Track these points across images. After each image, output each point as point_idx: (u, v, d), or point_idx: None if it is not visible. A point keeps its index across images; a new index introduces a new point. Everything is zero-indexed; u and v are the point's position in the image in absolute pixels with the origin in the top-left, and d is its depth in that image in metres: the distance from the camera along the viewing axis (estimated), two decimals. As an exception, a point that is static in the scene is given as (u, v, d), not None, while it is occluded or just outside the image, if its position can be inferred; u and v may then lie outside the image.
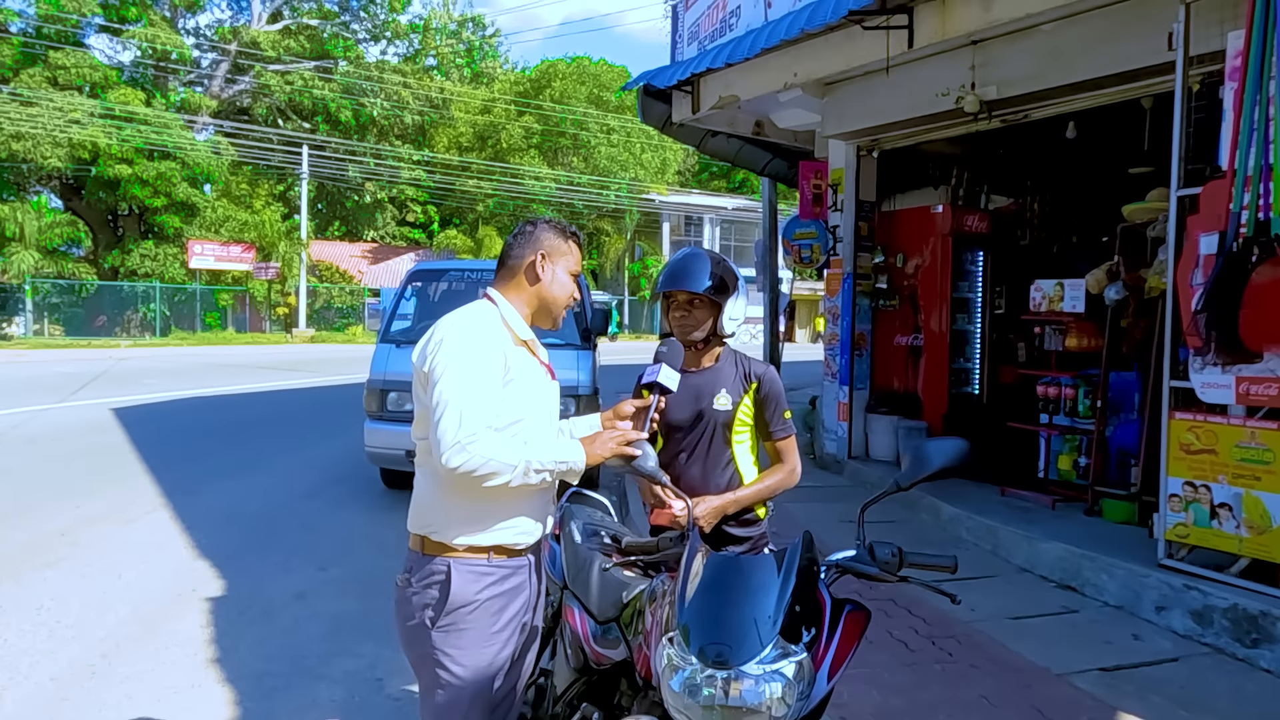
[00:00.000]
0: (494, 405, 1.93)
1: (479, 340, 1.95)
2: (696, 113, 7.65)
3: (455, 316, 2.02)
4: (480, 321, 2.00)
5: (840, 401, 7.68)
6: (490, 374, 1.93)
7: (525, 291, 2.11)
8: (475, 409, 1.88)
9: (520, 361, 2.03)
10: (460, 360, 1.91)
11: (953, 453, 1.84)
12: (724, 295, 2.45)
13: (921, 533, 5.71)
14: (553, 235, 2.12)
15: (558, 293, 2.11)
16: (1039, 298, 5.91)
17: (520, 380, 2.01)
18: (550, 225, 2.14)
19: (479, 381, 1.91)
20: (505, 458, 1.89)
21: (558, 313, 2.15)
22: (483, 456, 1.85)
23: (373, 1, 35.10)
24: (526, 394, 2.03)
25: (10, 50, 27.04)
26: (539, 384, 2.11)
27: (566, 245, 2.12)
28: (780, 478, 2.50)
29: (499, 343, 1.97)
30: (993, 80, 5.96)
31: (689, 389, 2.47)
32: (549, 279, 2.09)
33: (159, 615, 4.29)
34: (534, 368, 2.10)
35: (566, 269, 2.12)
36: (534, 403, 2.06)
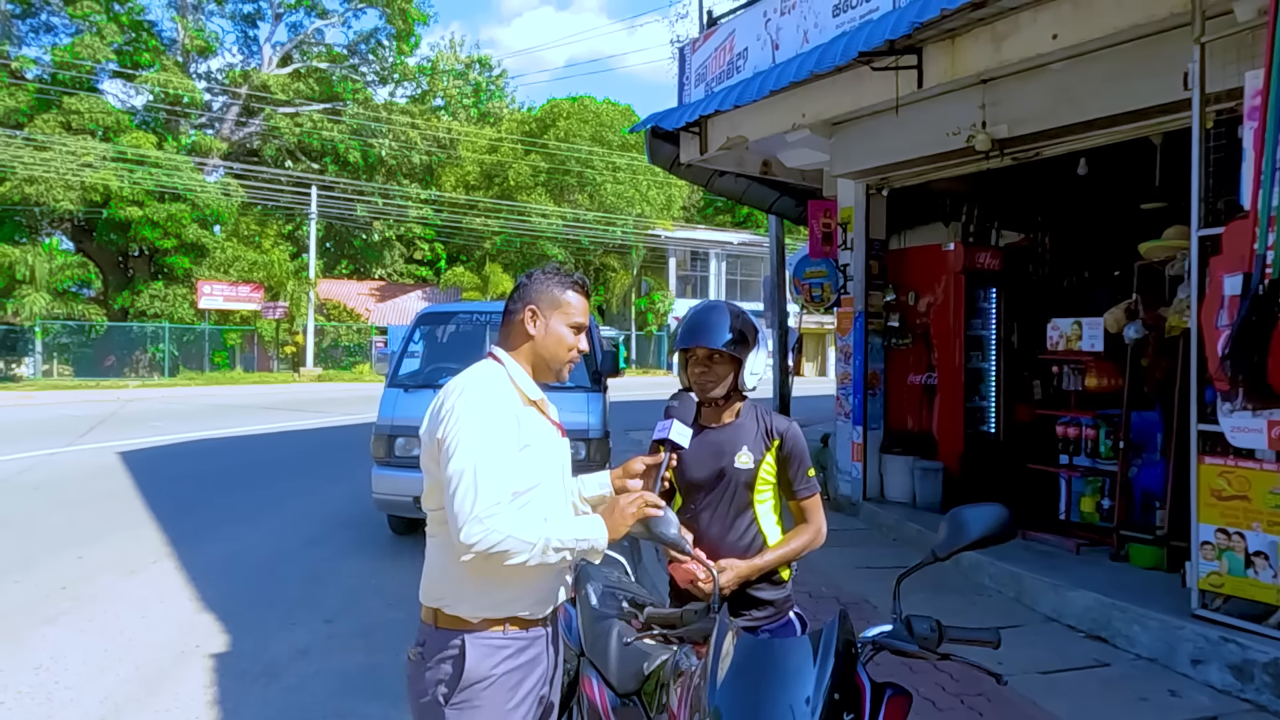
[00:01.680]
0: (511, 474, 1.85)
1: (491, 406, 1.87)
2: (704, 154, 7.65)
3: (463, 381, 1.94)
4: (489, 385, 1.92)
5: (854, 442, 7.56)
6: (505, 441, 1.85)
7: (523, 348, 2.03)
8: (492, 480, 1.81)
9: (532, 423, 1.95)
10: (473, 429, 1.83)
11: (993, 521, 1.74)
12: (744, 350, 2.37)
13: (943, 580, 5.56)
14: (546, 286, 2.02)
15: (553, 348, 2.01)
16: (1056, 336, 5.82)
17: (534, 444, 1.93)
18: (546, 275, 2.05)
19: (494, 450, 1.83)
20: (524, 535, 1.81)
21: (557, 368, 2.06)
22: (501, 533, 1.78)
23: (381, 44, 35.66)
24: (541, 458, 1.95)
25: (26, 96, 27.48)
26: (551, 445, 2.03)
27: (563, 296, 2.02)
28: (806, 539, 2.40)
29: (510, 406, 1.90)
30: (1003, 119, 5.94)
31: (709, 446, 2.39)
32: (541, 334, 2.01)
33: (160, 675, 4.17)
34: (545, 428, 2.02)
35: (564, 321, 2.01)
36: (548, 466, 1.98)
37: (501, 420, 1.86)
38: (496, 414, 1.86)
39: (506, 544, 1.78)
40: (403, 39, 35.07)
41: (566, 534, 1.87)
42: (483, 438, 1.82)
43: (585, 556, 1.95)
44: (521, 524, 1.81)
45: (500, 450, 1.83)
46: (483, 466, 1.80)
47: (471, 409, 1.85)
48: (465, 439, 1.82)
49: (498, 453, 1.83)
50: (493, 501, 1.79)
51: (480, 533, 1.76)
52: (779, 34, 6.66)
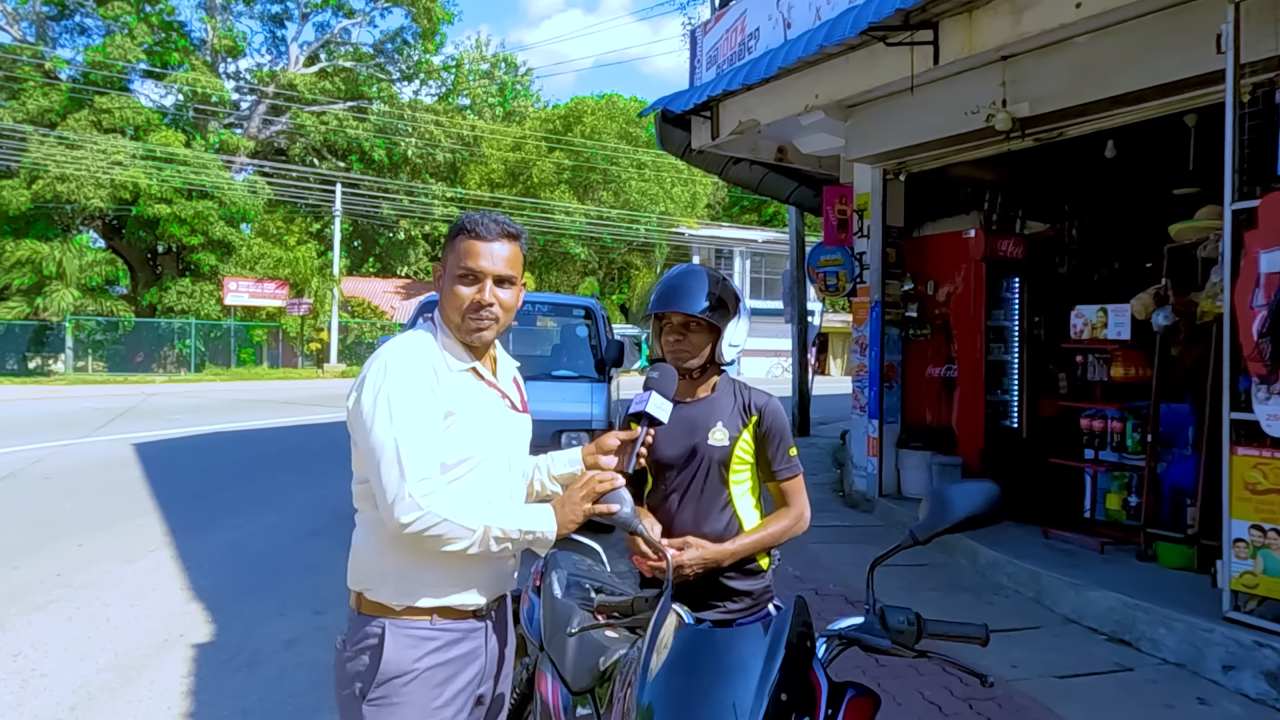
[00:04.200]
0: (436, 445, 1.68)
1: (406, 371, 1.69)
2: (716, 138, 7.44)
3: (383, 348, 1.77)
4: (408, 350, 1.73)
5: (870, 436, 7.31)
6: (424, 409, 1.68)
7: (442, 309, 1.82)
8: (417, 453, 1.64)
9: (461, 391, 1.76)
10: (389, 397, 1.66)
11: (980, 499, 1.53)
12: (723, 318, 2.17)
13: (957, 579, 5.31)
14: (448, 240, 1.81)
15: (447, 306, 1.77)
16: (1080, 324, 5.54)
17: (464, 413, 1.75)
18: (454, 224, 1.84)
19: (415, 419, 1.65)
20: (463, 519, 1.64)
21: (465, 335, 1.77)
22: (437, 515, 1.61)
23: (407, 43, 35.81)
24: (473, 429, 1.76)
25: (59, 96, 27.94)
26: (492, 417, 1.84)
27: (454, 243, 1.78)
28: (784, 524, 2.19)
29: (425, 372, 1.71)
30: (1025, 97, 5.67)
31: (682, 422, 2.19)
32: (440, 292, 1.80)
33: (139, 663, 4.06)
34: (483, 398, 1.82)
35: (454, 272, 1.75)
36: (485, 439, 1.79)
37: (417, 386, 1.68)
38: (412, 379, 1.68)
39: (443, 528, 1.62)
40: (428, 37, 35.19)
41: (510, 522, 1.70)
42: (400, 406, 1.65)
43: (531, 548, 1.77)
44: (461, 507, 1.65)
45: (421, 419, 1.66)
46: (404, 438, 1.63)
47: (386, 375, 1.68)
48: (381, 408, 1.65)
49: (419, 422, 1.66)
50: (421, 477, 1.63)
51: (414, 513, 1.60)
52: (791, 12, 6.44)
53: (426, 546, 1.65)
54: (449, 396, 1.73)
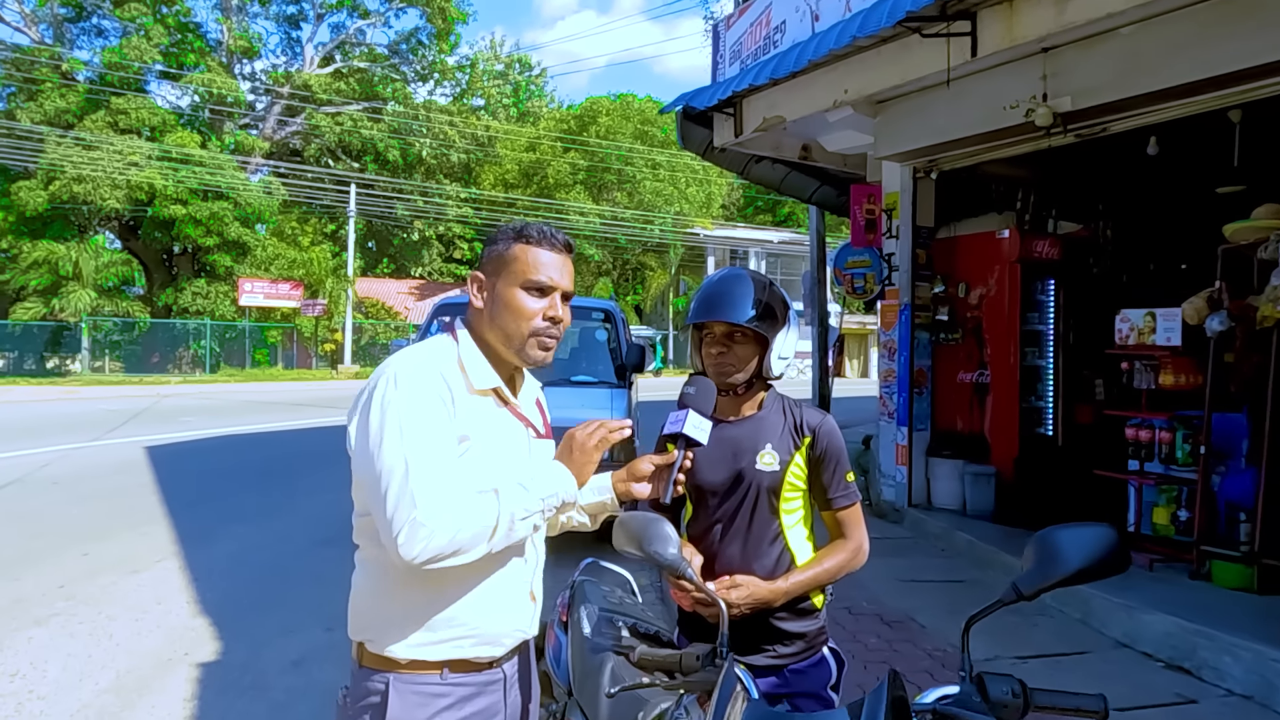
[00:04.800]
0: (452, 472, 1.47)
1: (419, 389, 1.49)
2: (739, 136, 7.20)
3: (394, 360, 1.56)
4: (421, 365, 1.53)
5: (899, 444, 7.05)
6: (438, 432, 1.47)
7: (479, 325, 1.64)
8: (433, 478, 1.43)
9: (479, 416, 1.56)
10: (402, 413, 1.45)
11: (1096, 547, 1.30)
12: (772, 328, 1.95)
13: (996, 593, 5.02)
14: (493, 246, 1.64)
15: (505, 320, 1.59)
16: (1126, 329, 5.27)
17: (482, 439, 1.55)
18: (499, 232, 1.66)
19: (429, 443, 1.45)
20: (476, 523, 1.44)
21: (518, 346, 1.61)
22: (447, 532, 1.40)
23: (421, 44, 35.74)
24: (492, 456, 1.56)
25: (76, 97, 28.01)
26: (514, 445, 1.63)
27: (511, 251, 1.60)
28: (842, 558, 1.96)
29: (440, 389, 1.50)
30: (1067, 90, 5.39)
31: (725, 444, 1.97)
32: (489, 304, 1.62)
33: (141, 684, 3.87)
34: (503, 423, 1.62)
35: (516, 282, 1.59)
36: (505, 470, 1.58)
37: (431, 403, 1.48)
38: (426, 396, 1.48)
39: (458, 541, 1.42)
40: (442, 38, 35.11)
41: (528, 499, 1.51)
42: (413, 425, 1.45)
43: (562, 513, 1.63)
44: (467, 512, 1.44)
45: (436, 441, 1.46)
46: (417, 461, 1.43)
47: (397, 390, 1.48)
48: (391, 427, 1.45)
49: (433, 444, 1.46)
50: (435, 504, 1.42)
51: (423, 541, 1.39)
52: (819, 4, 6.20)
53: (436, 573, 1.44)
54: (466, 419, 1.53)
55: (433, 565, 1.41)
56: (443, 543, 1.40)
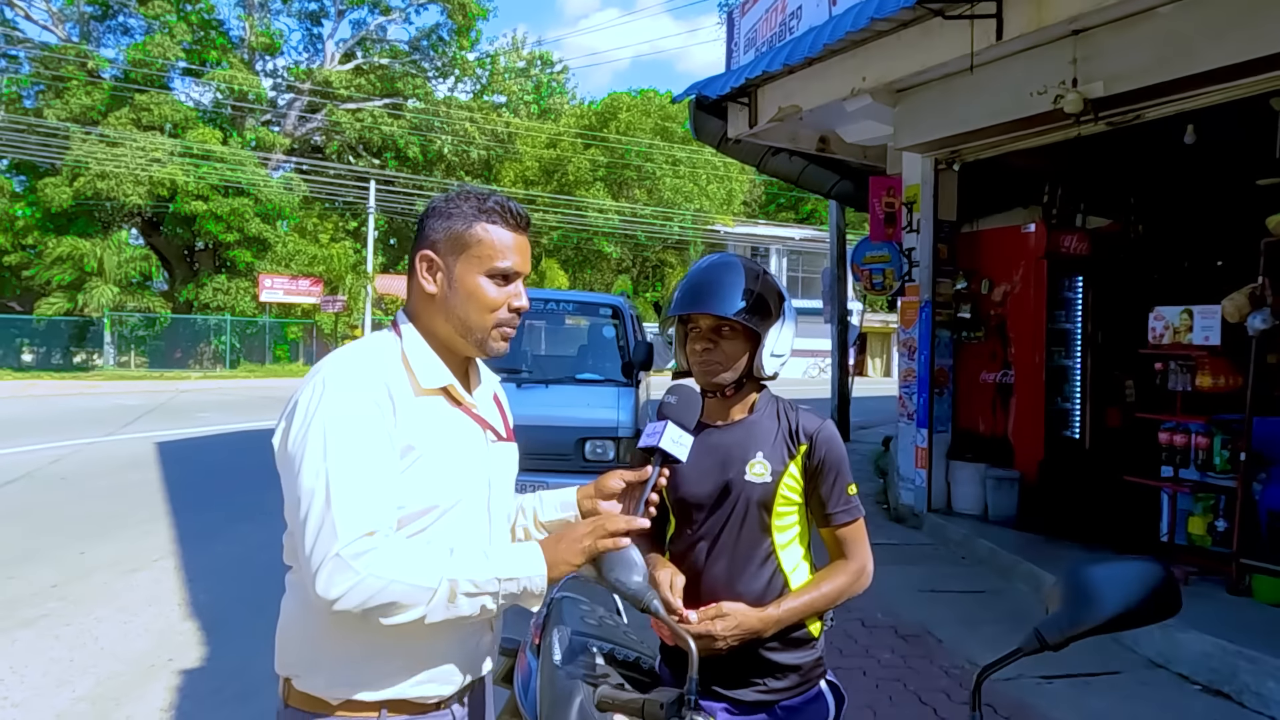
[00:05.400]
0: (387, 492, 1.27)
1: (349, 392, 1.29)
2: (754, 127, 6.97)
3: (326, 362, 1.37)
4: (358, 366, 1.33)
5: (918, 446, 6.79)
6: (373, 446, 1.27)
7: (427, 313, 1.43)
8: (359, 502, 1.23)
9: (427, 421, 1.36)
10: (328, 424, 1.26)
11: (1141, 587, 1.08)
12: (764, 322, 1.73)
13: (1020, 609, 4.78)
14: (448, 220, 1.40)
15: (465, 310, 1.39)
16: (1160, 328, 4.98)
17: (429, 447, 1.34)
18: (450, 203, 1.42)
19: (360, 457, 1.25)
20: (415, 577, 1.22)
21: (479, 338, 1.42)
22: (379, 579, 1.20)
23: (442, 40, 35.73)
24: (442, 468, 1.36)
25: (101, 94, 28.24)
26: (468, 451, 1.43)
27: (473, 230, 1.39)
28: (842, 581, 1.74)
29: (376, 394, 1.30)
30: (1098, 75, 5.11)
31: (712, 452, 1.76)
32: (443, 290, 1.40)
33: (120, 692, 3.72)
34: (457, 427, 1.42)
35: (479, 269, 1.39)
36: (457, 481, 1.39)
37: (364, 412, 1.28)
38: (357, 403, 1.28)
39: (389, 593, 1.21)
40: (463, 34, 35.07)
41: (483, 571, 1.28)
42: (339, 438, 1.25)
43: (519, 603, 1.35)
44: (410, 562, 1.23)
45: (366, 457, 1.26)
46: (340, 482, 1.23)
47: (323, 398, 1.28)
48: (314, 442, 1.25)
49: (363, 461, 1.26)
50: (359, 532, 1.22)
51: (347, 581, 1.20)
52: (837, -13, 5.95)
53: (373, 621, 1.24)
54: (410, 426, 1.33)
55: (353, 610, 1.21)
56: (369, 592, 1.20)
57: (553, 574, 1.32)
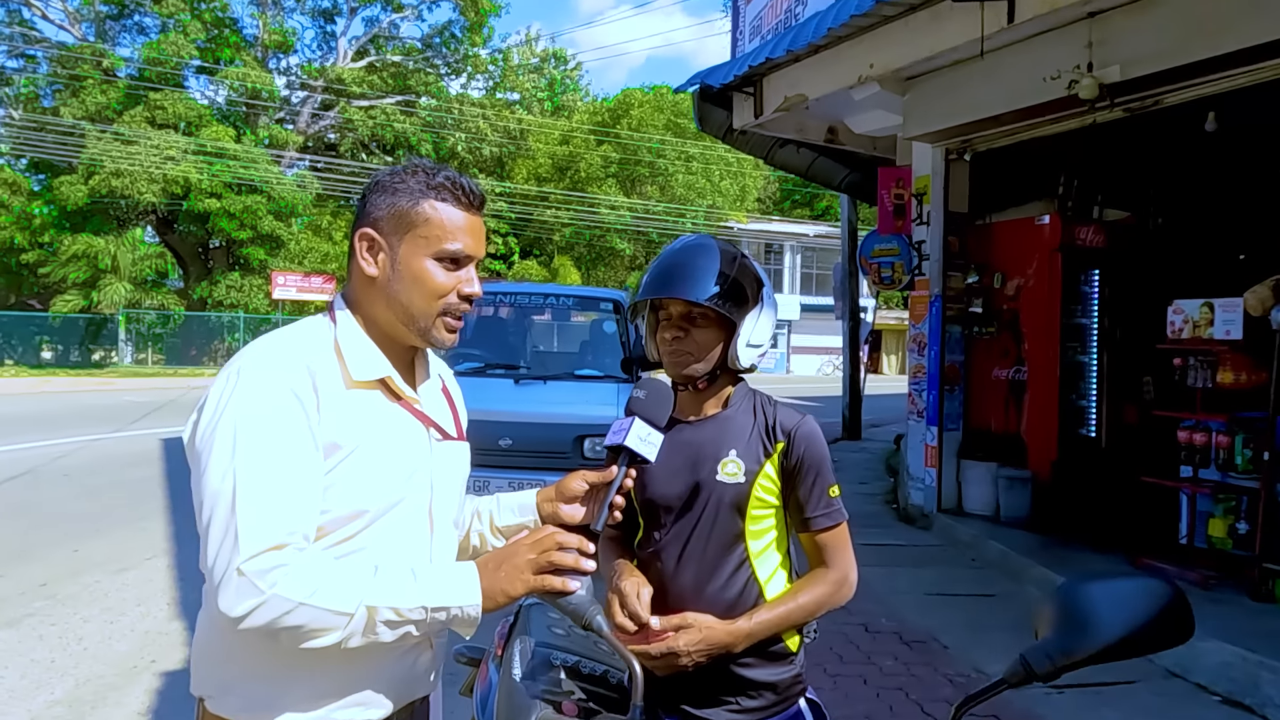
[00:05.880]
0: (304, 497, 1.14)
1: (266, 384, 1.16)
2: (759, 117, 6.81)
3: (252, 346, 1.24)
4: (279, 352, 1.21)
5: (928, 444, 6.60)
6: (290, 443, 1.14)
7: (367, 298, 1.30)
8: (268, 508, 1.10)
9: (358, 416, 1.22)
10: (239, 421, 1.13)
11: (1146, 608, 0.92)
12: (739, 309, 1.58)
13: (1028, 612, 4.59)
14: (392, 195, 1.27)
15: (410, 296, 1.26)
16: (1179, 322, 4.79)
17: (359, 446, 1.21)
18: (396, 177, 1.28)
19: (273, 457, 1.12)
20: (328, 600, 1.09)
21: (424, 327, 1.28)
22: (287, 599, 1.07)
23: (455, 37, 35.68)
24: (374, 469, 1.22)
25: (116, 93, 28.40)
26: (406, 450, 1.29)
27: (420, 208, 1.25)
28: (822, 592, 1.59)
29: (298, 386, 1.17)
30: (1115, 59, 4.91)
31: (682, 449, 1.61)
32: (386, 274, 1.27)
33: (97, 696, 3.63)
34: (395, 424, 1.28)
35: (426, 250, 1.25)
36: (392, 484, 1.25)
37: (281, 407, 1.15)
38: (274, 398, 1.15)
39: (298, 616, 1.08)
40: (475, 30, 35.00)
41: (409, 596, 1.14)
42: (250, 437, 1.12)
43: (452, 627, 1.21)
44: (323, 583, 1.10)
45: (282, 459, 1.13)
46: (249, 486, 1.10)
47: (236, 391, 1.15)
48: (222, 441, 1.13)
49: (278, 463, 1.13)
50: (267, 543, 1.09)
51: (250, 600, 1.07)
52: (843, -29, 5.76)
53: (283, 642, 1.11)
54: (336, 422, 1.20)
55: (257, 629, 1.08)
56: (275, 613, 1.07)
57: (488, 605, 1.18)
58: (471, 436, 1.45)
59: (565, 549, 1.20)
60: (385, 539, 1.26)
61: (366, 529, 1.24)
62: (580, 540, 1.21)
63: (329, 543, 1.20)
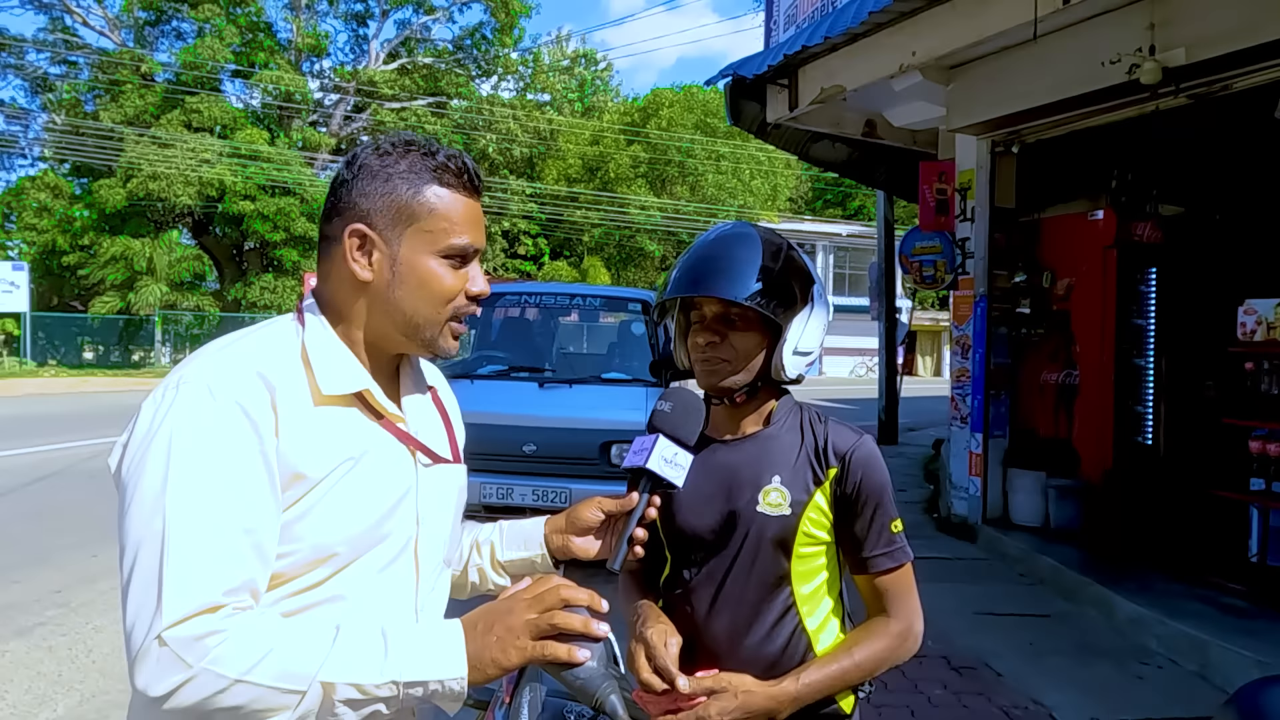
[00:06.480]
0: (258, 543, 0.93)
1: (209, 405, 0.94)
2: (794, 110, 6.54)
3: (201, 353, 1.03)
4: (236, 361, 0.99)
5: (972, 452, 6.28)
6: (244, 475, 0.93)
7: (347, 301, 1.07)
8: (207, 561, 0.89)
9: (325, 441, 1.00)
10: (174, 448, 0.92)
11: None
12: (785, 310, 1.34)
13: (1090, 637, 4.29)
14: (387, 181, 1.05)
15: (419, 301, 1.06)
16: (1252, 323, 4.44)
17: (329, 479, 0.99)
18: (385, 158, 1.06)
19: (220, 494, 0.91)
20: (274, 676, 0.87)
21: (430, 337, 1.08)
22: (219, 677, 0.86)
23: (485, 39, 35.75)
24: (345, 506, 1.01)
25: (154, 97, 28.82)
26: (387, 482, 1.06)
27: (423, 196, 1.05)
28: (882, 646, 1.35)
29: (252, 406, 0.95)
30: (1179, 41, 4.58)
31: (717, 474, 1.38)
32: (384, 277, 1.05)
33: (100, 713, 3.48)
34: (375, 449, 1.06)
35: (431, 248, 1.05)
36: (365, 522, 1.03)
37: (229, 432, 0.94)
38: (221, 420, 0.94)
39: (234, 696, 0.86)
40: (505, 31, 35.04)
41: (375, 670, 0.91)
42: (189, 470, 0.91)
43: (432, 702, 0.98)
44: (270, 651, 0.88)
45: (225, 495, 0.92)
46: (182, 531, 0.89)
47: (173, 409, 0.94)
48: (152, 473, 0.92)
49: (220, 501, 0.91)
50: (198, 604, 0.87)
51: (173, 676, 0.86)
52: (884, -46, 5.48)
53: None
54: (299, 448, 0.98)
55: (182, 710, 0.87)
56: (205, 692, 0.86)
57: (476, 677, 0.94)
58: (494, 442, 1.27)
59: (573, 606, 0.96)
60: (360, 586, 1.04)
61: (335, 576, 1.02)
62: (591, 596, 0.98)
63: (288, 591, 0.99)
